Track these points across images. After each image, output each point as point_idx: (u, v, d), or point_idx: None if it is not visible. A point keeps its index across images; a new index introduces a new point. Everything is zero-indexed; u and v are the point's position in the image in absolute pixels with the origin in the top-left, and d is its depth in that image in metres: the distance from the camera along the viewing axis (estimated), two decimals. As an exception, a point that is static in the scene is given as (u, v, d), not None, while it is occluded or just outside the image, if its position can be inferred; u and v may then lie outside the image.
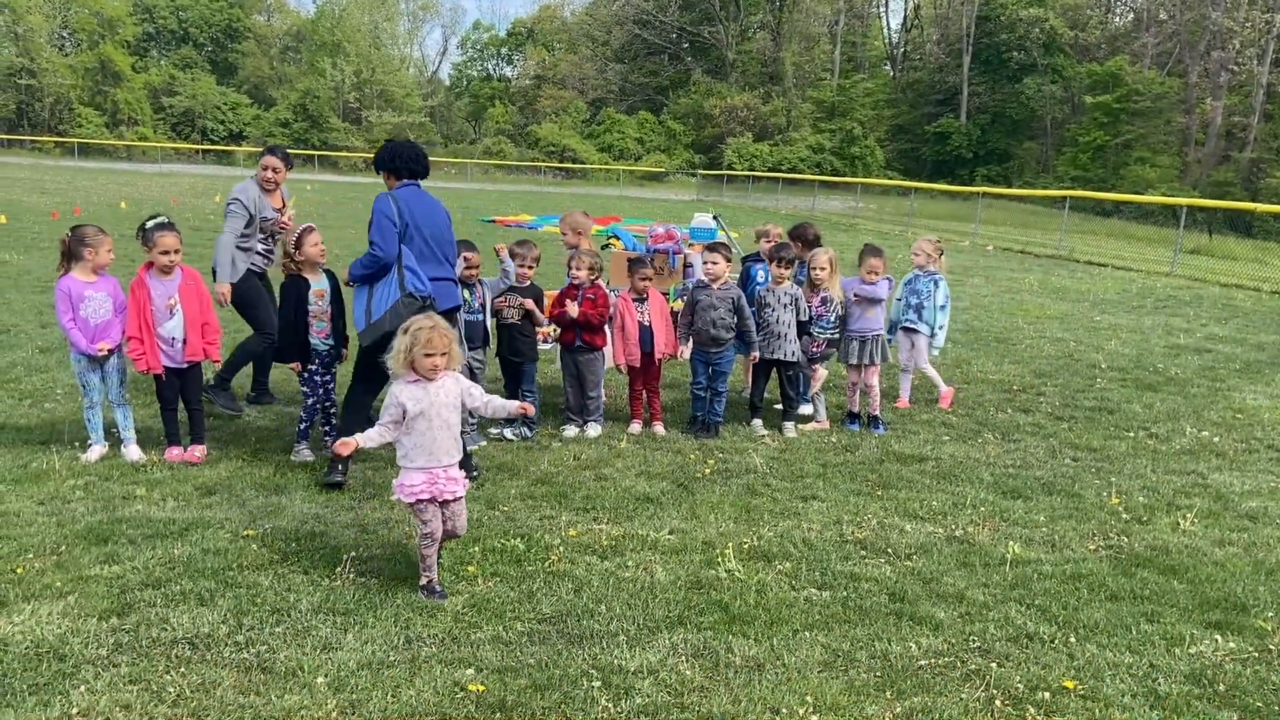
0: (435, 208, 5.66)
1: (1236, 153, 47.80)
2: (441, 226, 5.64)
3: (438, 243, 5.59)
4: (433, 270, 5.55)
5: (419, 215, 5.51)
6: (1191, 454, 6.87)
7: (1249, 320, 13.22)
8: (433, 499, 4.26)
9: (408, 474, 4.27)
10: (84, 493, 5.38)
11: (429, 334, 4.13)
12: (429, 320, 4.18)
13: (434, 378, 4.21)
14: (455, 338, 4.24)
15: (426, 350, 4.14)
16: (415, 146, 5.77)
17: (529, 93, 69.97)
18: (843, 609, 4.31)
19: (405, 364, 4.19)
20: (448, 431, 4.27)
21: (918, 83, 64.93)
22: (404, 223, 5.45)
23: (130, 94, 65.31)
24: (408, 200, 5.51)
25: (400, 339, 4.18)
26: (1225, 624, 4.24)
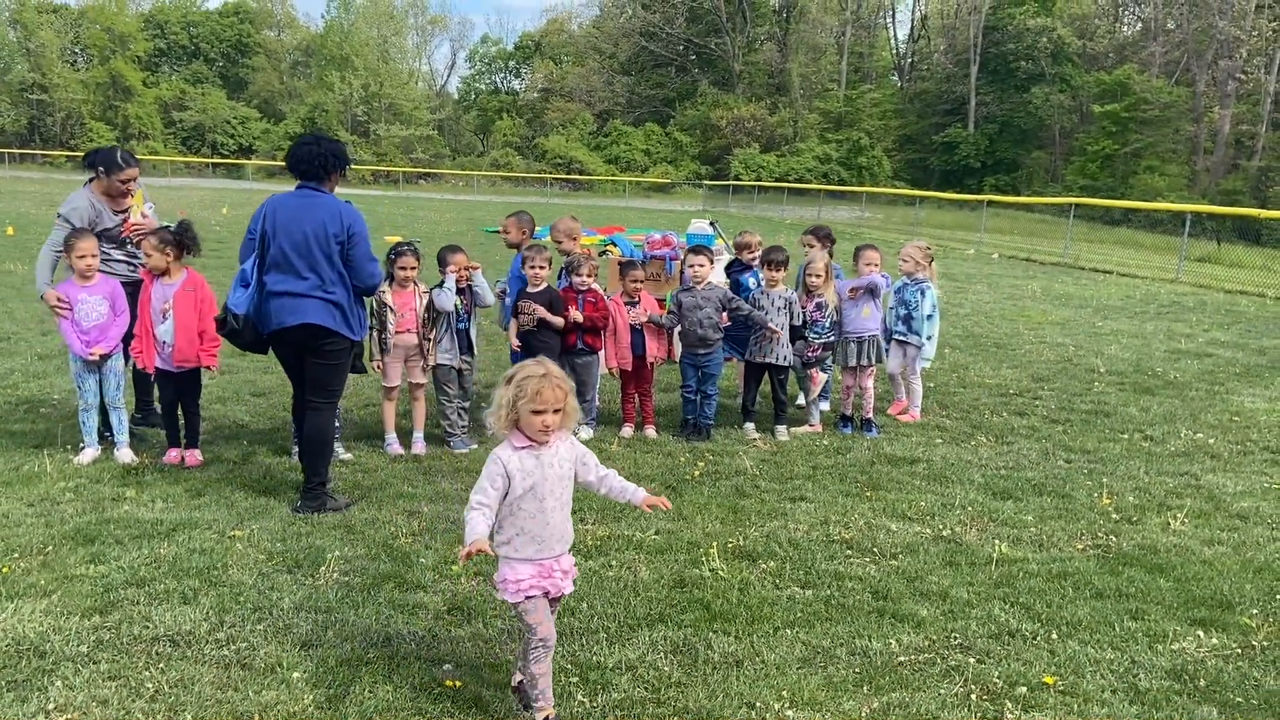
0: (304, 216, 5.15)
1: (1245, 161, 47.67)
2: (303, 236, 5.12)
3: (297, 253, 5.13)
4: (283, 283, 5.16)
5: (281, 222, 5.17)
6: (1186, 456, 6.84)
7: (1252, 325, 13.16)
8: (545, 593, 3.43)
9: (511, 566, 3.39)
10: (74, 495, 5.41)
11: (538, 384, 3.24)
12: (539, 367, 3.29)
13: (546, 440, 3.32)
14: (571, 389, 3.33)
15: (535, 405, 3.24)
16: (307, 145, 5.30)
17: (536, 105, 70.21)
18: (825, 607, 4.30)
19: (509, 422, 3.31)
20: (562, 512, 3.41)
21: (925, 93, 64.92)
22: (261, 230, 5.21)
23: (141, 108, 65.80)
24: (276, 206, 5.23)
25: (502, 390, 3.31)
26: (1210, 621, 4.21)
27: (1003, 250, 25.18)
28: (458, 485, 5.81)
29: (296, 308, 5.17)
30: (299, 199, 5.24)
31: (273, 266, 5.20)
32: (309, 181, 5.27)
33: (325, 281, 5.17)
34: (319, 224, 5.14)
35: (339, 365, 5.43)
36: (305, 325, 5.18)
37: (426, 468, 6.14)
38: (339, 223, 5.17)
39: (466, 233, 24.26)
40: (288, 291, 5.16)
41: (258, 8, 78.63)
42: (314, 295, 5.17)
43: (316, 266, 5.15)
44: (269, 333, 5.30)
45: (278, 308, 5.20)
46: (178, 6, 77.42)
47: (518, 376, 3.28)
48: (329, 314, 5.21)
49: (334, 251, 5.17)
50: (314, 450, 5.35)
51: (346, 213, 5.24)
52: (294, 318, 5.17)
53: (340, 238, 5.17)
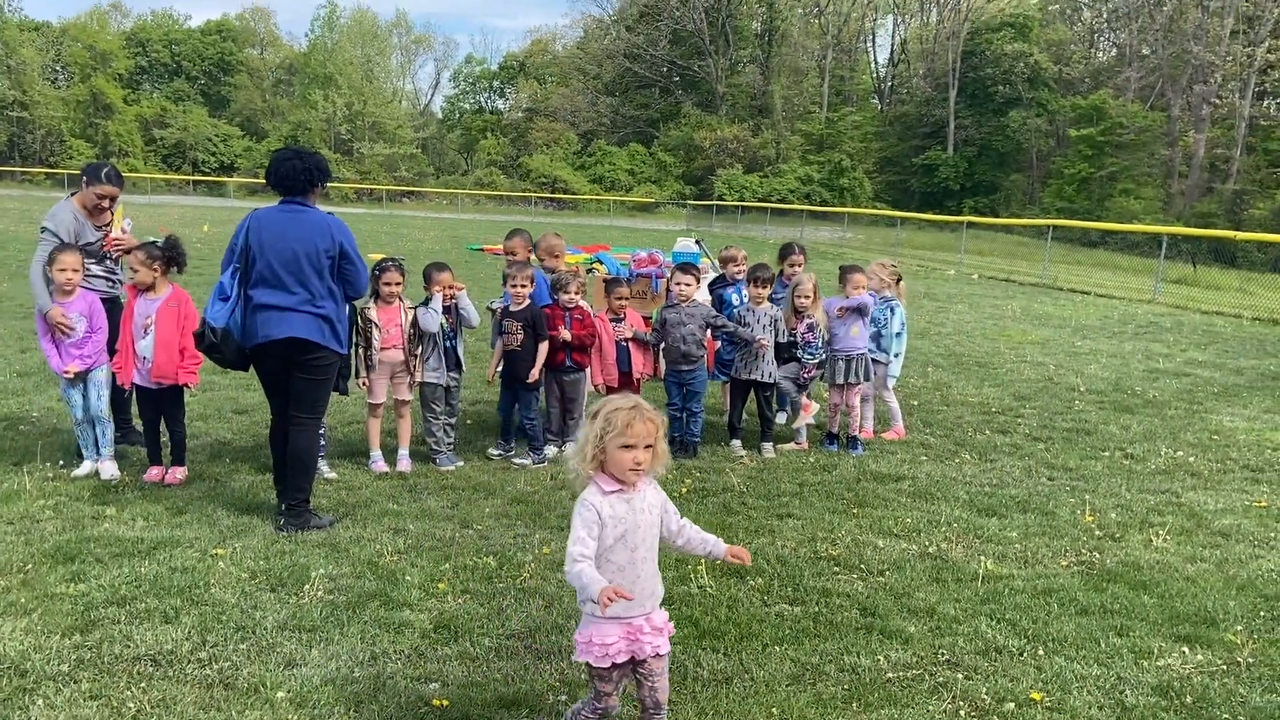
0: (293, 230, 5.11)
1: (1220, 184, 48.32)
2: (291, 253, 5.08)
3: (286, 269, 5.08)
4: (269, 296, 5.12)
5: (267, 237, 5.11)
6: (1166, 473, 6.89)
7: (1229, 346, 13.31)
8: (630, 659, 3.09)
9: (598, 626, 3.04)
10: (54, 512, 5.35)
11: (628, 417, 2.95)
12: (627, 400, 3.03)
13: (636, 481, 3.03)
14: (663, 422, 3.08)
15: (626, 440, 2.95)
16: (289, 160, 5.21)
17: (520, 125, 70.42)
18: (813, 623, 4.30)
19: (594, 460, 3.00)
20: (653, 563, 3.11)
21: (905, 116, 65.54)
22: (245, 244, 5.15)
23: (121, 126, 65.49)
24: (262, 221, 5.17)
25: (587, 426, 3.04)
26: (1194, 637, 4.24)
27: (982, 271, 25.38)
28: (443, 503, 5.79)
29: (283, 320, 5.11)
30: (285, 214, 5.18)
31: (259, 282, 5.13)
32: (293, 196, 5.22)
33: (315, 296, 5.13)
34: (308, 240, 5.10)
35: (325, 380, 5.37)
36: (291, 339, 5.12)
37: (412, 485, 6.10)
38: (329, 238, 5.15)
39: (451, 250, 24.23)
40: (275, 305, 5.11)
41: (241, 26, 78.63)
42: (301, 309, 5.12)
43: (306, 282, 5.11)
44: (253, 346, 5.21)
45: (263, 320, 5.13)
46: (160, 25, 77.31)
47: (605, 410, 3.01)
48: (317, 327, 5.16)
49: (324, 267, 5.14)
50: (298, 467, 5.30)
51: (335, 227, 5.21)
52: (280, 330, 5.11)
53: (331, 253, 5.15)
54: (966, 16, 60.62)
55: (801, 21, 70.01)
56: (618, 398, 3.10)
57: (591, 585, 2.87)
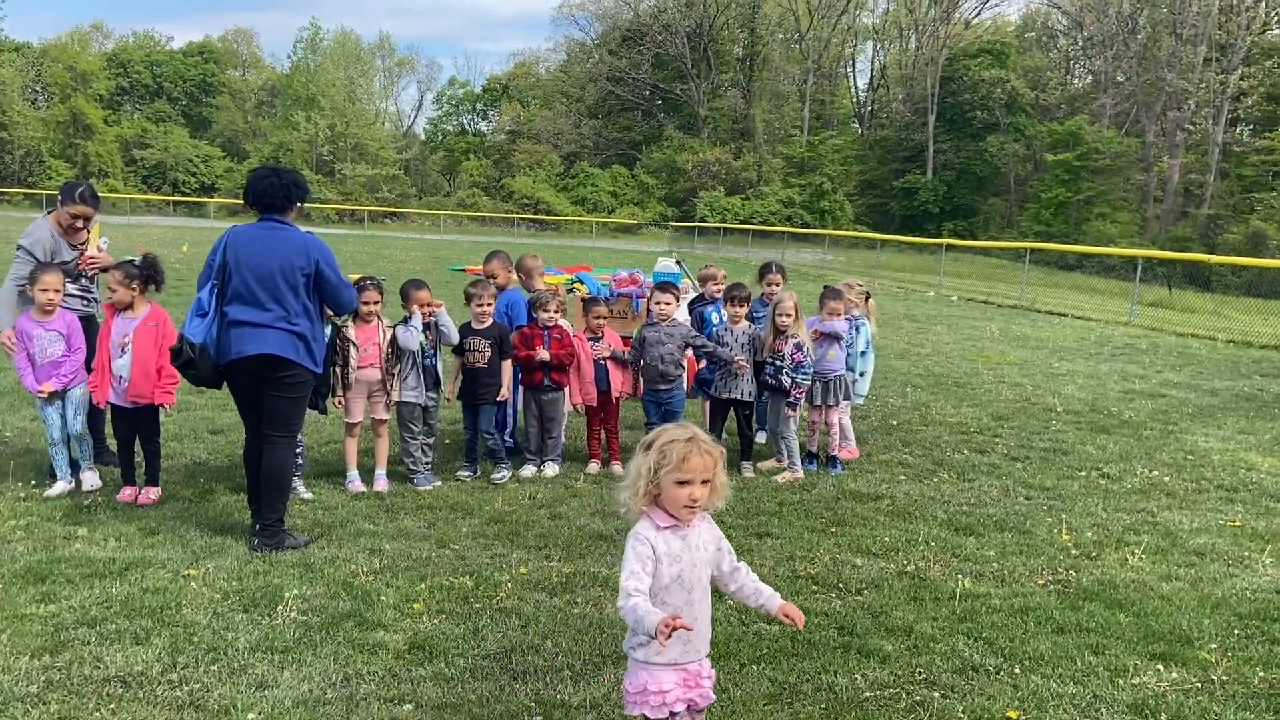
0: (270, 247, 5.12)
1: (1194, 209, 48.94)
2: (268, 270, 5.08)
3: (262, 286, 5.07)
4: (244, 313, 5.10)
5: (244, 253, 5.12)
6: (1142, 493, 6.94)
7: (1203, 367, 13.44)
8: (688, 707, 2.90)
9: (651, 673, 2.85)
10: (24, 533, 5.28)
11: (684, 449, 2.75)
12: (684, 431, 2.83)
13: (691, 518, 2.85)
14: (722, 454, 2.86)
15: (682, 474, 2.75)
16: (267, 178, 5.22)
17: (503, 147, 70.56)
18: (791, 642, 4.29)
19: (648, 495, 2.81)
20: (708, 605, 2.95)
21: (885, 140, 66.15)
22: (223, 260, 5.14)
23: (102, 146, 65.19)
24: (239, 238, 5.17)
25: (640, 459, 2.82)
26: (1169, 655, 4.25)
27: (961, 293, 25.57)
28: (420, 522, 5.75)
29: (256, 337, 5.07)
30: (263, 232, 5.18)
31: (235, 298, 5.12)
32: (271, 214, 5.22)
33: (290, 313, 5.12)
34: (285, 258, 5.10)
35: (299, 399, 5.34)
36: (265, 355, 5.08)
37: (389, 505, 6.07)
38: (305, 256, 5.15)
39: (432, 270, 24.18)
40: (249, 321, 5.08)
41: (223, 48, 78.62)
42: (276, 326, 5.09)
43: (281, 299, 5.09)
44: (226, 363, 5.16)
45: (237, 337, 5.09)
46: (142, 46, 77.20)
47: (659, 442, 2.80)
48: (291, 345, 5.13)
49: (300, 284, 5.13)
50: (273, 486, 5.26)
51: (312, 245, 5.20)
52: (253, 346, 5.07)
53: (307, 270, 5.14)
54: (945, 43, 61.37)
55: (782, 47, 70.64)
56: (673, 428, 2.86)
57: (648, 618, 2.65)
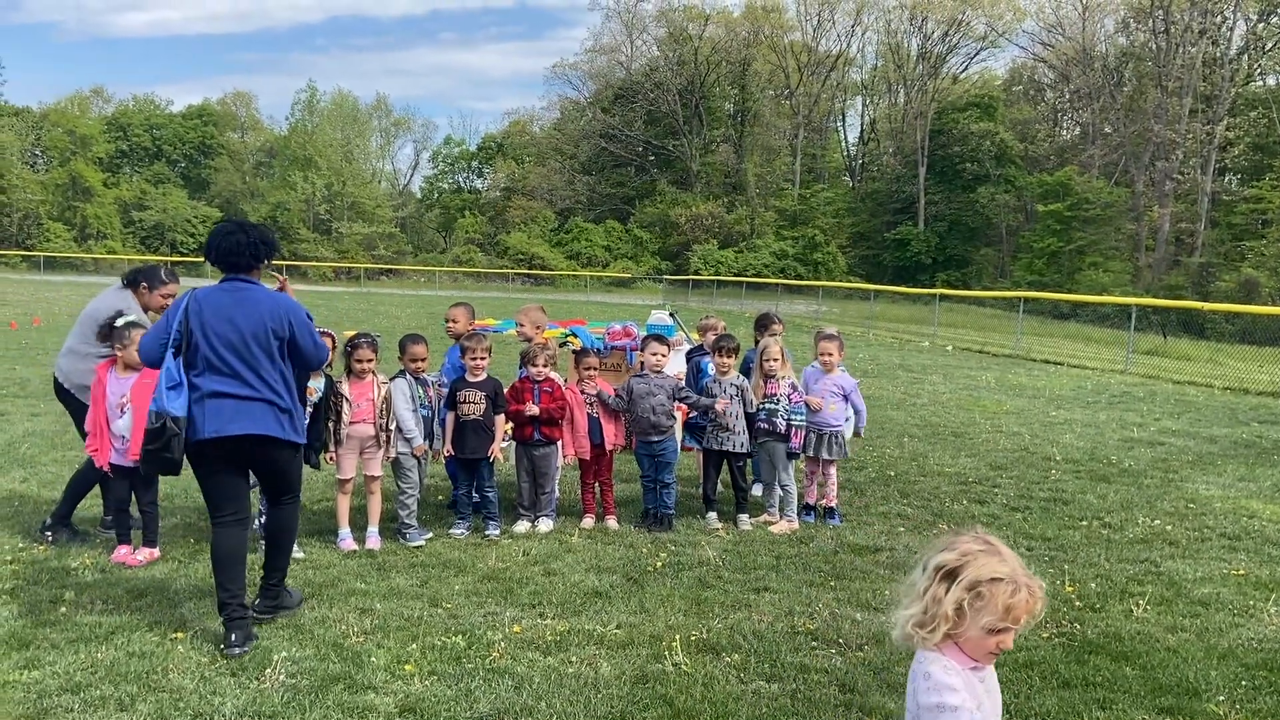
0: (239, 311, 4.64)
1: (1186, 257, 49.31)
2: (239, 336, 4.60)
3: (234, 354, 4.59)
4: (220, 384, 4.60)
5: (210, 318, 4.61)
6: (1144, 543, 6.86)
7: (1201, 414, 13.41)
8: None
9: None
10: (9, 597, 5.19)
11: (1008, 594, 2.24)
12: (1003, 563, 2.28)
13: (989, 665, 2.39)
14: (1041, 587, 2.31)
15: (1003, 622, 2.26)
16: (233, 235, 4.75)
17: (498, 203, 71.16)
18: (791, 701, 4.20)
19: (943, 632, 2.30)
20: None
21: (876, 192, 66.84)
22: (184, 329, 4.62)
23: (100, 209, 65.67)
24: (202, 303, 4.66)
25: (940, 586, 2.30)
26: (1177, 709, 4.16)
27: (956, 343, 25.61)
28: (412, 580, 5.66)
29: (240, 412, 4.60)
30: (229, 294, 4.70)
31: (206, 369, 4.62)
32: (238, 274, 4.76)
33: (269, 383, 4.67)
34: (257, 321, 4.64)
35: (289, 470, 4.98)
36: (253, 436, 4.63)
37: (381, 563, 5.97)
38: (278, 317, 4.70)
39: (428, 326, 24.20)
40: (228, 393, 4.60)
41: (222, 110, 79.61)
42: (259, 398, 4.64)
43: (257, 367, 4.63)
44: (200, 440, 4.60)
45: (215, 411, 4.58)
46: (141, 109, 78.15)
47: (971, 571, 2.25)
48: (275, 420, 4.70)
49: (274, 349, 4.69)
50: (278, 545, 5.04)
51: (284, 305, 4.77)
52: (238, 425, 4.59)
53: (280, 334, 4.70)
54: (933, 97, 62.33)
55: (773, 102, 71.69)
56: (981, 551, 2.30)
57: None
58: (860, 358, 20.07)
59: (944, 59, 65.69)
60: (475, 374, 6.63)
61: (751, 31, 66.91)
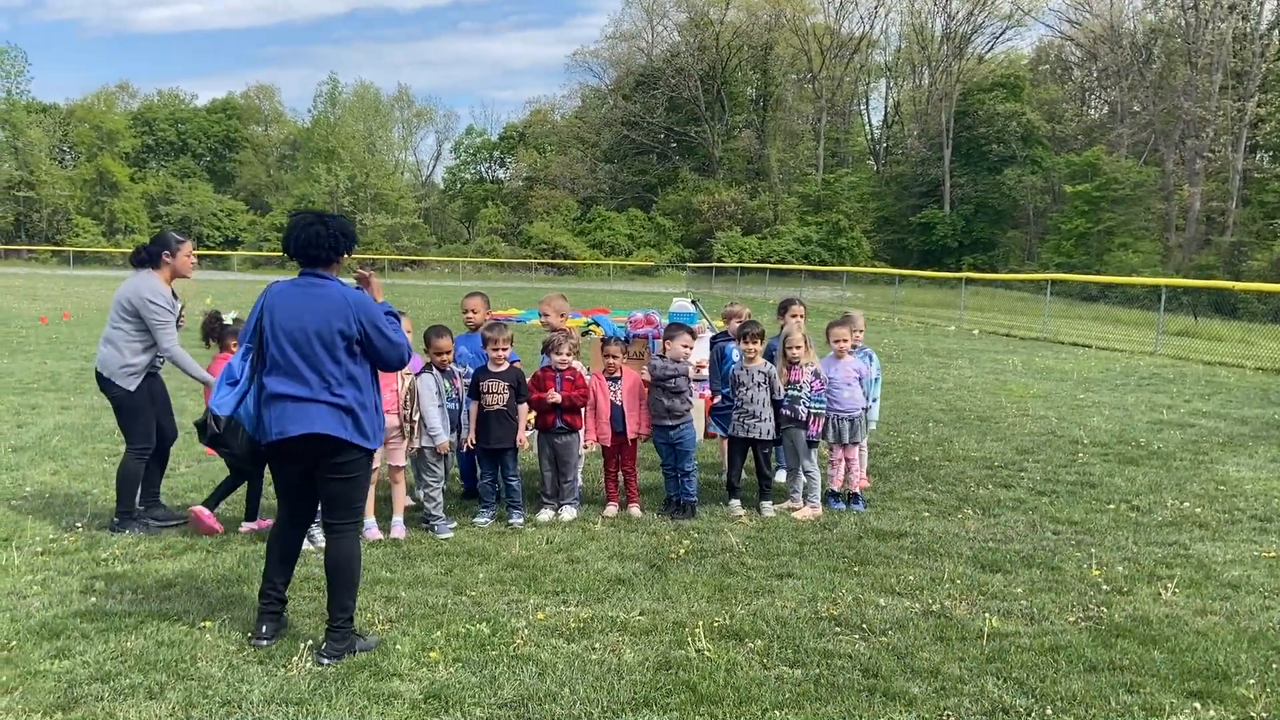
0: (306, 307, 4.48)
1: (1217, 236, 48.57)
2: (304, 335, 4.44)
3: (299, 352, 4.44)
4: (282, 385, 4.46)
5: (280, 318, 4.48)
6: (1173, 525, 6.78)
7: (1232, 396, 13.23)
8: None
9: None
10: (41, 588, 5.27)
11: None
12: None
13: None
14: None
15: None
16: (312, 226, 4.56)
17: (521, 193, 71.27)
18: (815, 686, 4.19)
19: None
20: None
21: (901, 175, 66.32)
22: (258, 324, 4.55)
23: (128, 203, 66.48)
24: (275, 299, 4.56)
25: None
26: (1206, 693, 4.11)
27: (982, 326, 25.40)
28: (437, 569, 5.69)
29: (300, 414, 4.44)
30: (300, 290, 4.54)
31: (273, 368, 4.50)
32: (313, 267, 4.57)
33: (331, 383, 4.45)
34: (323, 319, 4.44)
35: (356, 478, 4.61)
36: (311, 436, 4.45)
37: (406, 552, 6.01)
38: (346, 315, 4.47)
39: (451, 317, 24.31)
40: (288, 395, 4.45)
41: (246, 104, 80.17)
42: (319, 399, 4.45)
43: (320, 366, 4.44)
44: (268, 443, 4.54)
45: (278, 414, 4.46)
46: (167, 104, 78.88)
47: None
48: (337, 421, 4.46)
49: (340, 348, 4.46)
50: (341, 582, 4.56)
51: (355, 302, 4.53)
52: (297, 426, 4.43)
53: (348, 333, 4.47)
54: (958, 78, 61.67)
55: (795, 87, 71.28)
56: None
57: None
58: (885, 343, 19.95)
59: (969, 39, 64.92)
60: (497, 364, 6.64)
61: (773, 15, 66.43)
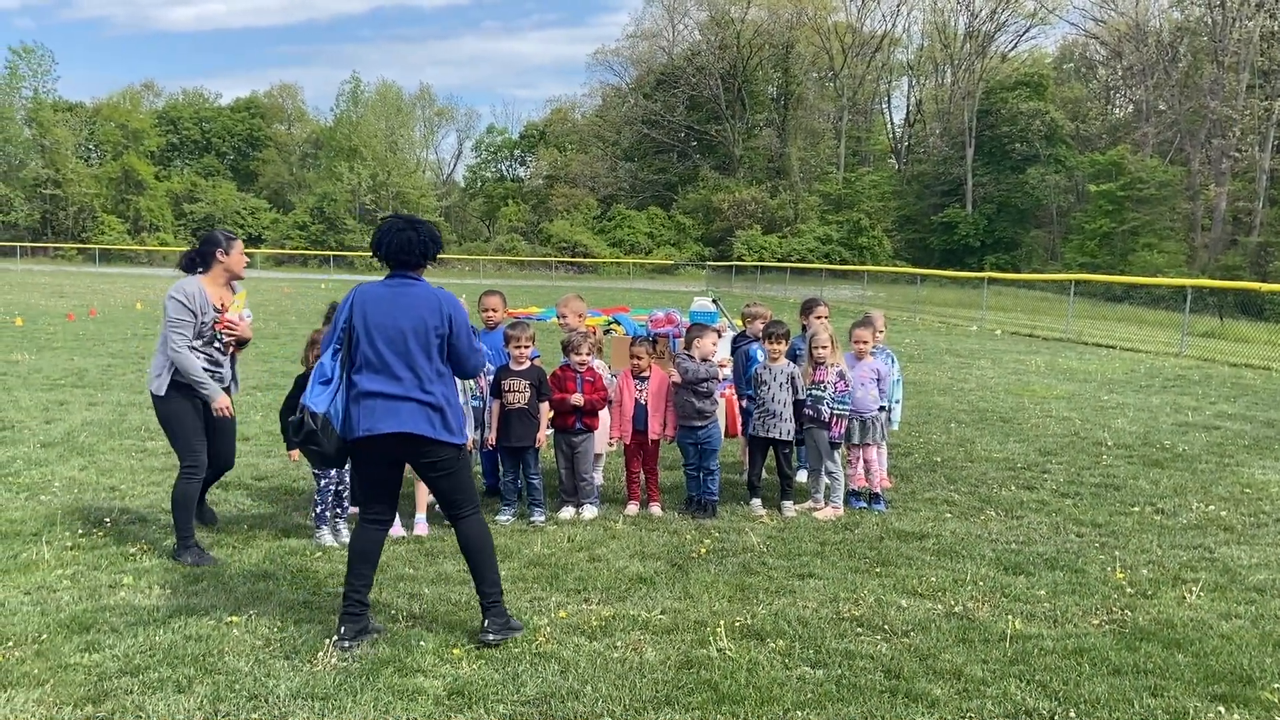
0: (400, 306, 4.60)
1: (1244, 237, 48.07)
2: (399, 332, 4.55)
3: (393, 350, 4.55)
4: (373, 383, 4.56)
5: (374, 318, 4.59)
6: (1198, 528, 6.73)
7: (1259, 398, 13.10)
8: None
9: None
10: (71, 582, 5.34)
11: None
12: None
13: None
14: None
15: None
16: (404, 232, 4.69)
17: (541, 191, 71.42)
18: (836, 687, 4.19)
19: None
20: None
21: (923, 174, 65.97)
22: (348, 326, 4.64)
23: (153, 201, 67.09)
24: (366, 299, 4.65)
25: None
26: (1231, 696, 4.09)
27: (1005, 327, 25.25)
28: (459, 566, 5.71)
29: (389, 412, 4.54)
30: (392, 291, 4.65)
31: (364, 366, 4.60)
32: (405, 270, 4.70)
33: (423, 380, 4.57)
34: (418, 318, 4.57)
35: (455, 473, 4.74)
36: (402, 434, 4.55)
37: (428, 549, 6.06)
38: (439, 314, 4.60)
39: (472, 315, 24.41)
40: (380, 392, 4.55)
41: (269, 103, 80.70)
42: (410, 397, 4.56)
43: (413, 364, 4.55)
44: (355, 439, 4.63)
45: (367, 411, 4.56)
46: (191, 103, 79.53)
47: None
48: (426, 419, 4.57)
49: (433, 346, 4.59)
50: (483, 561, 4.74)
51: (446, 301, 4.66)
52: (387, 424, 4.54)
53: (441, 330, 4.60)
54: (981, 76, 61.29)
55: (816, 85, 71.05)
56: None
57: None
58: (906, 342, 19.87)
59: (992, 37, 64.53)
60: (519, 362, 6.68)
61: (794, 13, 66.22)
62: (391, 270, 4.73)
